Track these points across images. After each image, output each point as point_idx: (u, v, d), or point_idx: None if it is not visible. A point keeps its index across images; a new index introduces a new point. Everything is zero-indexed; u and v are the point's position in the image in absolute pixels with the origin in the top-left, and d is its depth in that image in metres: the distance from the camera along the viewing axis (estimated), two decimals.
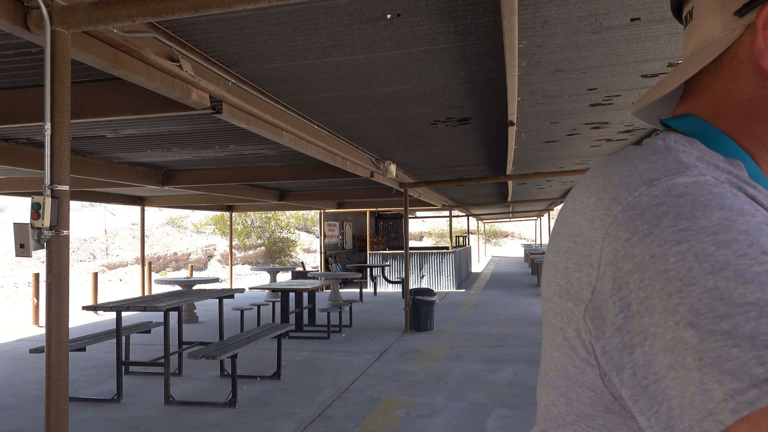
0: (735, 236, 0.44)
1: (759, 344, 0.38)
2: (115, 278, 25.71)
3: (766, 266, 0.42)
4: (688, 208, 0.46)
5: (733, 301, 0.41)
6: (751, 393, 0.37)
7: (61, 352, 2.36)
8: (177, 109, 3.84)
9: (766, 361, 0.37)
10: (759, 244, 0.43)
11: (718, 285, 0.42)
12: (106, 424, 5.08)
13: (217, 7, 2.22)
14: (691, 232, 0.45)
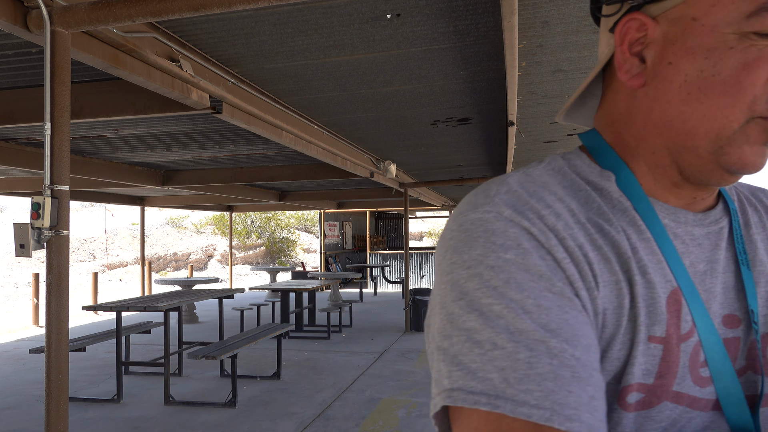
0: (481, 271, 0.52)
1: (455, 362, 0.51)
2: (115, 278, 25.71)
3: (492, 299, 0.51)
4: (462, 243, 0.55)
5: (457, 325, 0.52)
6: (439, 397, 0.51)
7: (61, 352, 2.36)
8: (177, 109, 3.84)
9: (451, 376, 0.51)
10: (497, 278, 0.52)
11: (454, 311, 0.52)
12: (106, 424, 5.08)
13: (217, 7, 2.22)
14: (455, 265, 0.54)
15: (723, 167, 0.57)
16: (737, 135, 0.56)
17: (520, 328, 0.50)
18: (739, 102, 0.56)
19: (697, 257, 0.60)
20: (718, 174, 0.58)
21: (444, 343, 0.52)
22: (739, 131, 0.56)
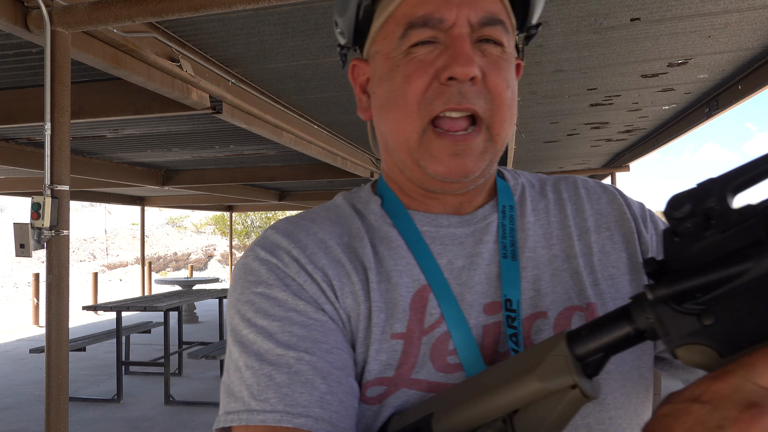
0: (239, 307, 0.63)
1: (226, 391, 0.60)
2: (115, 278, 25.71)
3: (246, 329, 0.61)
4: (231, 286, 0.67)
5: (229, 357, 0.62)
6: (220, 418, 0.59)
7: (61, 352, 2.36)
8: (177, 109, 3.84)
9: (223, 402, 0.60)
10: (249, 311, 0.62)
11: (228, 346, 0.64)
12: (106, 424, 5.09)
13: (217, 7, 2.22)
14: (227, 306, 0.66)
15: (429, 175, 0.64)
16: (421, 149, 0.63)
17: (266, 348, 0.60)
18: (409, 111, 0.63)
19: (455, 254, 0.66)
20: (435, 183, 0.65)
21: (224, 377, 0.63)
22: (423, 141, 0.63)
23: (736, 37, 3.57)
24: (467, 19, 0.63)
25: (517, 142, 6.78)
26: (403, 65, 0.64)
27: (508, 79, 0.65)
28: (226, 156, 7.27)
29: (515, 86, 0.67)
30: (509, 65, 0.66)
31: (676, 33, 3.45)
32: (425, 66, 0.63)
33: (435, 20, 0.63)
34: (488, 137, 0.64)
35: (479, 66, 0.62)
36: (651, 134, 7.01)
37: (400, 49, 0.65)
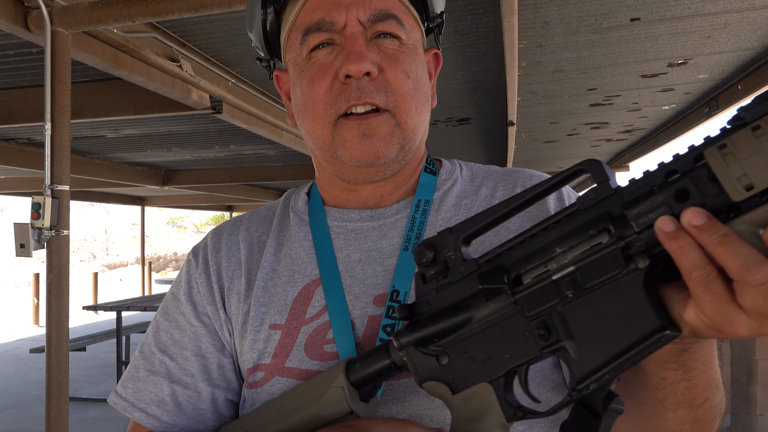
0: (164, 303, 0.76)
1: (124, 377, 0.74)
2: (115, 278, 25.71)
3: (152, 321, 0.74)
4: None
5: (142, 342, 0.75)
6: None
7: (61, 352, 2.36)
8: (177, 109, 3.84)
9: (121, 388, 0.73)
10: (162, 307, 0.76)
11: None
12: (107, 424, 5.09)
13: (217, 7, 2.22)
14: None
15: (347, 164, 0.69)
16: (336, 139, 0.68)
17: (148, 342, 0.73)
18: (318, 113, 0.69)
19: (355, 248, 0.71)
20: (354, 170, 0.70)
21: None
22: (335, 135, 0.68)
23: (736, 37, 3.57)
24: (357, 19, 0.67)
25: (517, 142, 6.78)
26: (307, 70, 0.70)
27: (407, 70, 0.68)
28: (226, 156, 7.27)
29: (420, 75, 0.71)
30: (409, 56, 0.69)
31: (676, 33, 3.45)
32: (325, 68, 0.68)
33: (327, 23, 0.67)
34: (395, 123, 0.68)
35: (375, 61, 0.66)
36: (651, 134, 7.01)
37: (302, 55, 0.70)
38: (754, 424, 4.67)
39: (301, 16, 0.70)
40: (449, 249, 0.53)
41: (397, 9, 0.70)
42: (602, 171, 0.48)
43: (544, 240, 0.49)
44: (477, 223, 0.53)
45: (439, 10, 0.75)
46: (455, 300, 0.53)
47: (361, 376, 0.59)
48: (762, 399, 4.67)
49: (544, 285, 0.48)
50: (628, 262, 0.45)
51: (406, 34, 0.70)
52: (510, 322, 0.51)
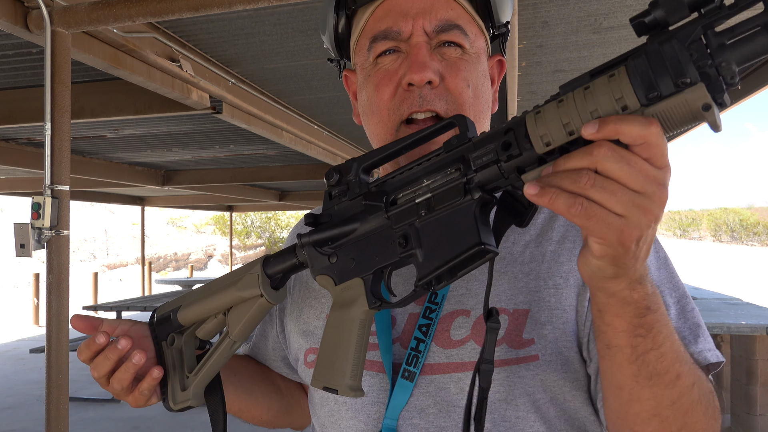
0: None
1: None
2: (115, 278, 25.72)
3: None
4: None
5: None
6: None
7: (61, 352, 2.36)
8: (177, 109, 3.84)
9: None
10: None
11: None
12: (107, 424, 5.09)
13: (217, 8, 2.22)
14: None
15: None
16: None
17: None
18: (382, 117, 0.74)
19: None
20: None
21: None
22: (398, 136, 0.73)
23: None
24: (422, 29, 0.72)
25: None
26: (373, 75, 0.75)
27: (468, 78, 0.73)
28: (226, 156, 7.27)
29: (481, 83, 0.75)
30: (470, 65, 0.74)
31: None
32: (390, 75, 0.73)
33: (394, 33, 0.72)
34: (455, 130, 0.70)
35: (437, 70, 0.72)
36: None
37: (370, 60, 0.75)
38: (754, 424, 4.67)
39: (371, 23, 0.75)
40: (352, 174, 0.67)
41: (462, 19, 0.74)
42: (465, 124, 0.62)
43: (417, 173, 0.62)
44: (375, 156, 0.67)
45: (505, 20, 0.79)
46: (348, 214, 0.67)
47: (274, 269, 0.73)
48: (762, 399, 4.67)
49: (408, 206, 0.62)
50: (466, 193, 0.58)
51: (470, 43, 0.74)
52: (382, 233, 0.65)
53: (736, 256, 36.42)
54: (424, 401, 0.71)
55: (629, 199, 0.48)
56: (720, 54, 0.46)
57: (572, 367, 0.71)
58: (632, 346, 0.58)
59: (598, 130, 0.47)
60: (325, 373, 0.68)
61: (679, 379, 0.60)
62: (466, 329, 0.71)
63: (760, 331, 4.52)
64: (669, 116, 0.48)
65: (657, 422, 0.61)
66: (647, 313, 0.57)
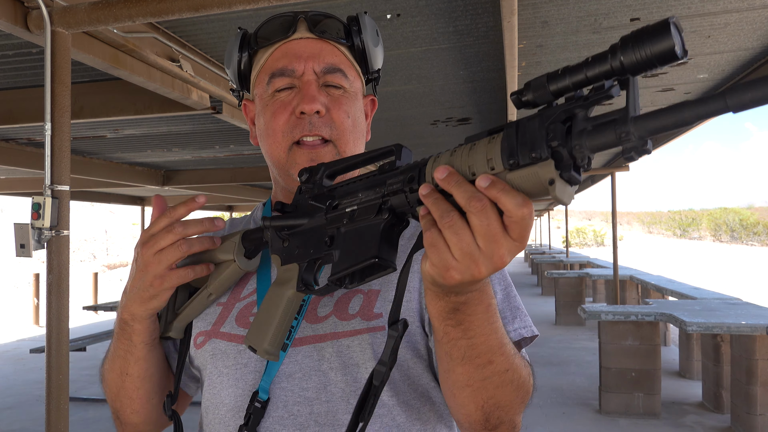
0: None
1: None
2: (115, 278, 25.70)
3: None
4: None
5: None
6: None
7: (61, 352, 2.36)
8: (177, 109, 3.84)
9: None
10: None
11: None
12: (107, 424, 5.09)
13: (217, 8, 2.22)
14: None
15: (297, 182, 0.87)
16: (289, 161, 0.90)
17: None
18: (276, 139, 0.90)
19: None
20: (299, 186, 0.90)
21: None
22: (288, 158, 0.90)
23: (736, 37, 3.57)
24: (312, 69, 0.89)
25: None
26: (270, 105, 0.90)
27: (348, 111, 0.91)
28: (226, 156, 7.27)
29: (357, 116, 0.93)
30: (350, 101, 0.91)
31: None
32: (285, 105, 0.89)
33: (289, 71, 0.89)
34: (336, 152, 0.90)
35: (324, 103, 0.88)
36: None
37: (268, 92, 0.91)
38: (754, 424, 4.67)
39: (269, 62, 0.91)
40: (318, 176, 0.78)
41: (344, 64, 0.92)
42: (400, 153, 0.70)
43: (358, 187, 0.72)
44: (339, 165, 0.78)
45: (377, 67, 0.98)
46: (303, 209, 0.79)
47: (248, 241, 0.87)
48: (762, 399, 4.67)
49: (340, 213, 0.73)
50: (379, 212, 0.67)
51: (349, 84, 0.92)
52: (320, 231, 0.76)
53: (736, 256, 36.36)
54: (292, 368, 0.84)
55: (469, 249, 0.56)
56: (577, 137, 0.51)
57: (414, 338, 0.85)
58: (444, 331, 0.69)
59: (487, 188, 0.54)
60: (254, 334, 0.78)
61: (491, 365, 0.71)
62: (329, 307, 0.87)
63: (760, 331, 4.52)
64: (525, 184, 0.54)
65: (469, 391, 0.74)
66: (456, 312, 0.66)
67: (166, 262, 0.82)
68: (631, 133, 0.47)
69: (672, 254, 37.75)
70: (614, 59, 0.48)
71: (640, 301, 9.44)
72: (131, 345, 0.88)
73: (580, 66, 0.51)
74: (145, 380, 0.91)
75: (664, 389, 5.84)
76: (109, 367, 0.94)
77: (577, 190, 0.55)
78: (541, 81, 0.53)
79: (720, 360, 5.46)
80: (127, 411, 0.94)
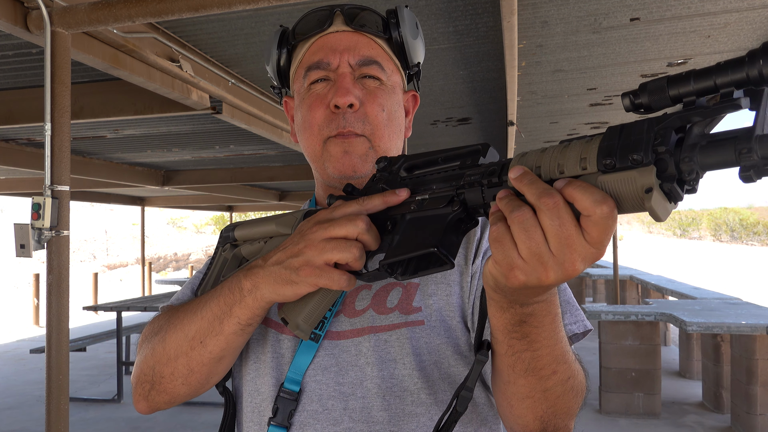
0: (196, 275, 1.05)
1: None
2: (115, 278, 25.71)
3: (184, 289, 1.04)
4: None
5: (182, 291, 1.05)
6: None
7: (61, 353, 2.36)
8: (177, 110, 3.84)
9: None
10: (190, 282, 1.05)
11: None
12: (107, 424, 5.09)
13: (217, 8, 2.22)
14: None
15: (332, 176, 0.89)
16: (324, 154, 0.89)
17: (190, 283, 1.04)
18: (313, 132, 0.89)
19: None
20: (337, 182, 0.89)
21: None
22: (324, 151, 0.89)
23: (736, 36, 3.57)
24: (347, 62, 0.88)
25: (517, 142, 6.78)
26: (307, 98, 0.90)
27: (383, 104, 0.89)
28: (226, 156, 7.27)
29: (394, 110, 0.92)
30: (386, 94, 0.90)
31: (676, 33, 3.45)
32: (320, 98, 0.88)
33: (324, 64, 0.88)
34: (369, 146, 0.88)
35: (358, 96, 0.87)
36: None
37: (304, 86, 0.91)
38: (754, 424, 4.67)
39: (306, 56, 0.91)
40: (396, 167, 0.76)
41: (381, 57, 0.90)
42: (486, 151, 0.67)
43: (434, 179, 0.70)
44: (419, 158, 0.75)
45: (417, 61, 0.96)
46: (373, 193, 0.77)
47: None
48: (762, 399, 4.67)
49: (409, 200, 0.71)
50: (449, 203, 0.64)
51: (387, 77, 0.90)
52: (384, 215, 0.73)
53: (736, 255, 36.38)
54: (328, 361, 0.83)
55: (538, 250, 0.52)
56: (689, 150, 0.47)
57: (454, 333, 0.82)
58: (508, 344, 0.66)
59: (563, 188, 0.51)
60: (290, 308, 0.76)
61: (555, 375, 0.68)
62: (367, 300, 0.85)
63: (760, 331, 4.52)
64: (618, 190, 0.49)
65: (530, 402, 0.71)
66: (522, 325, 0.63)
67: (329, 254, 0.70)
68: (755, 150, 0.43)
69: (672, 254, 37.77)
70: (752, 67, 0.43)
71: (640, 301, 9.44)
72: (226, 315, 0.77)
73: (709, 70, 0.46)
74: (214, 358, 0.80)
75: (664, 389, 5.84)
76: (179, 326, 0.82)
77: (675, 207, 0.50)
78: (661, 83, 0.48)
79: (720, 360, 5.46)
80: (178, 382, 0.83)
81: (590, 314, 5.40)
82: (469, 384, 0.68)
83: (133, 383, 0.88)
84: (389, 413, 0.79)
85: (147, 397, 0.86)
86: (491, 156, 0.67)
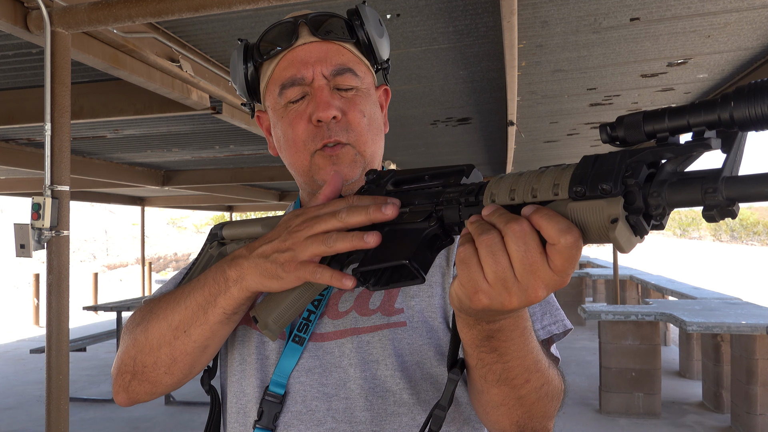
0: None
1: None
2: (115, 278, 25.70)
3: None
4: None
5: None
6: None
7: (61, 353, 2.36)
8: (177, 110, 3.83)
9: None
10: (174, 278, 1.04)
11: None
12: (107, 425, 5.10)
13: (217, 8, 2.22)
14: None
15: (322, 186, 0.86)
16: (313, 167, 0.88)
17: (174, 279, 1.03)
18: (298, 149, 0.88)
19: None
20: None
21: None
22: (312, 164, 0.88)
23: (736, 36, 3.57)
24: (321, 74, 0.87)
25: (517, 142, 6.78)
26: (286, 116, 0.89)
27: (363, 110, 0.89)
28: (226, 156, 7.27)
29: (373, 112, 0.92)
30: (363, 98, 0.90)
31: (676, 33, 3.45)
32: (300, 114, 0.87)
33: (299, 79, 0.87)
34: (355, 153, 0.88)
35: (339, 106, 0.86)
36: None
37: (281, 103, 0.89)
38: (754, 423, 4.67)
39: (277, 72, 0.89)
40: (385, 180, 0.77)
41: (352, 62, 0.90)
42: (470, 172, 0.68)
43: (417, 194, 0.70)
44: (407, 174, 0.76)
45: (385, 57, 0.95)
46: None
47: None
48: (762, 399, 4.67)
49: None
50: (427, 218, 0.66)
51: (361, 81, 0.90)
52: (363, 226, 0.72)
53: (736, 255, 36.38)
54: (312, 363, 0.84)
55: (503, 275, 0.53)
56: (658, 185, 0.48)
57: (436, 334, 0.83)
58: (478, 357, 0.67)
59: (530, 215, 0.52)
60: (262, 307, 0.76)
61: (528, 383, 0.70)
62: (350, 302, 0.86)
63: (760, 331, 4.52)
64: (585, 218, 0.50)
65: (504, 409, 0.72)
66: (490, 339, 0.64)
67: (313, 250, 0.70)
68: (720, 191, 0.44)
69: (672, 254, 37.77)
70: (724, 110, 0.44)
71: (640, 300, 9.44)
72: (210, 305, 0.77)
73: (684, 109, 0.47)
74: (199, 347, 0.80)
75: (664, 389, 5.84)
76: (162, 316, 0.81)
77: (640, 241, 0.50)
78: (637, 119, 0.49)
79: (720, 360, 5.46)
80: (161, 371, 0.82)
81: (590, 314, 5.40)
82: (442, 403, 0.69)
83: (113, 375, 0.87)
84: (372, 413, 0.81)
85: (127, 388, 0.85)
86: (474, 177, 0.69)
